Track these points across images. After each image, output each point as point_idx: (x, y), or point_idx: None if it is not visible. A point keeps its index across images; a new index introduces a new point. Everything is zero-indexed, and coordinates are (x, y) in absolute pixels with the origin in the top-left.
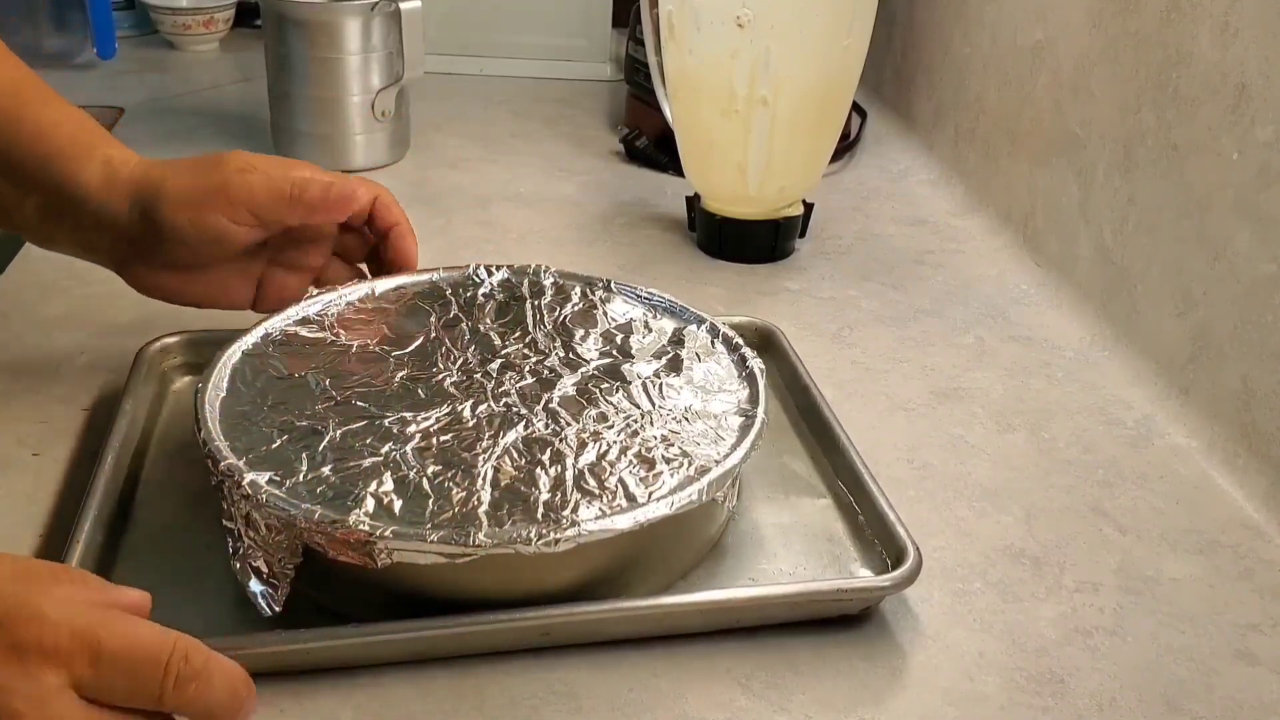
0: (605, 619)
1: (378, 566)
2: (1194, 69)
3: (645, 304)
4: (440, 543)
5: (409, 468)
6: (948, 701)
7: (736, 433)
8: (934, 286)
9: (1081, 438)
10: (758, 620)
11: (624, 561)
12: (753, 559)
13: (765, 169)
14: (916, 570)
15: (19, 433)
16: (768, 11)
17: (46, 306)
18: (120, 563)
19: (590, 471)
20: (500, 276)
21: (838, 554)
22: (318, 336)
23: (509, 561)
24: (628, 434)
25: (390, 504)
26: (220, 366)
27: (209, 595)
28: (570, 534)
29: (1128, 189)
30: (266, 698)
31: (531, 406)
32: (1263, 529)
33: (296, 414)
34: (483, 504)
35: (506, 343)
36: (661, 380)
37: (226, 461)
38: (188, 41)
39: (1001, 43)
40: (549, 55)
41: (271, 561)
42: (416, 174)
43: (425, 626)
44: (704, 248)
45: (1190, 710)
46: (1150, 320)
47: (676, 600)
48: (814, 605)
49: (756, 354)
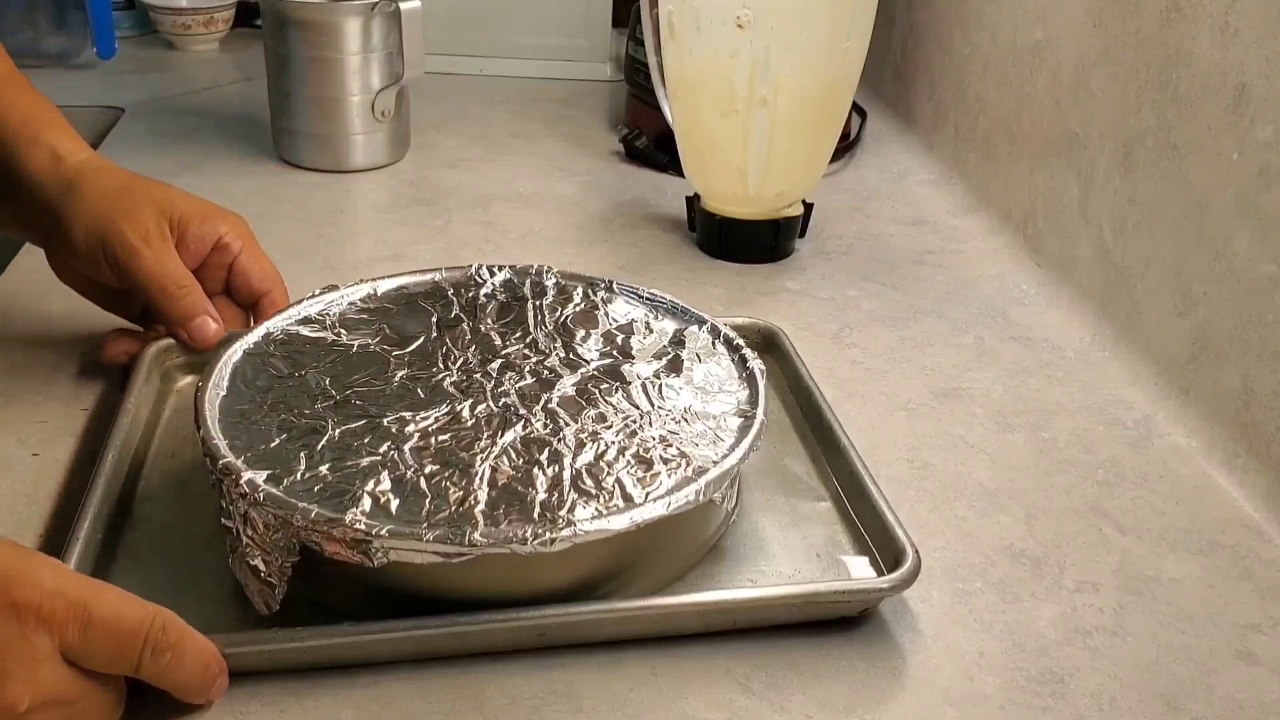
0: (601, 619)
1: (374, 565)
2: (1194, 69)
3: (647, 305)
4: (436, 542)
5: (406, 467)
6: (948, 701)
7: (735, 433)
8: (934, 286)
9: (1081, 438)
10: (755, 622)
11: (621, 562)
12: (751, 560)
13: (765, 169)
14: (915, 572)
15: (19, 433)
16: (768, 12)
17: (46, 306)
18: (119, 561)
19: (588, 472)
20: (502, 277)
21: (837, 556)
22: (319, 336)
23: (505, 561)
24: (626, 434)
25: (387, 503)
26: (221, 365)
27: (208, 594)
28: (566, 534)
29: (1128, 189)
30: (266, 697)
31: (530, 407)
32: (1263, 529)
33: (296, 413)
34: (479, 504)
35: (507, 343)
36: (661, 381)
37: (225, 460)
38: (188, 41)
39: (1001, 43)
40: (549, 55)
41: (269, 560)
42: (416, 174)
43: (421, 626)
44: (704, 248)
45: (1190, 710)
46: (1150, 320)
47: (673, 601)
48: (812, 607)
49: (758, 355)
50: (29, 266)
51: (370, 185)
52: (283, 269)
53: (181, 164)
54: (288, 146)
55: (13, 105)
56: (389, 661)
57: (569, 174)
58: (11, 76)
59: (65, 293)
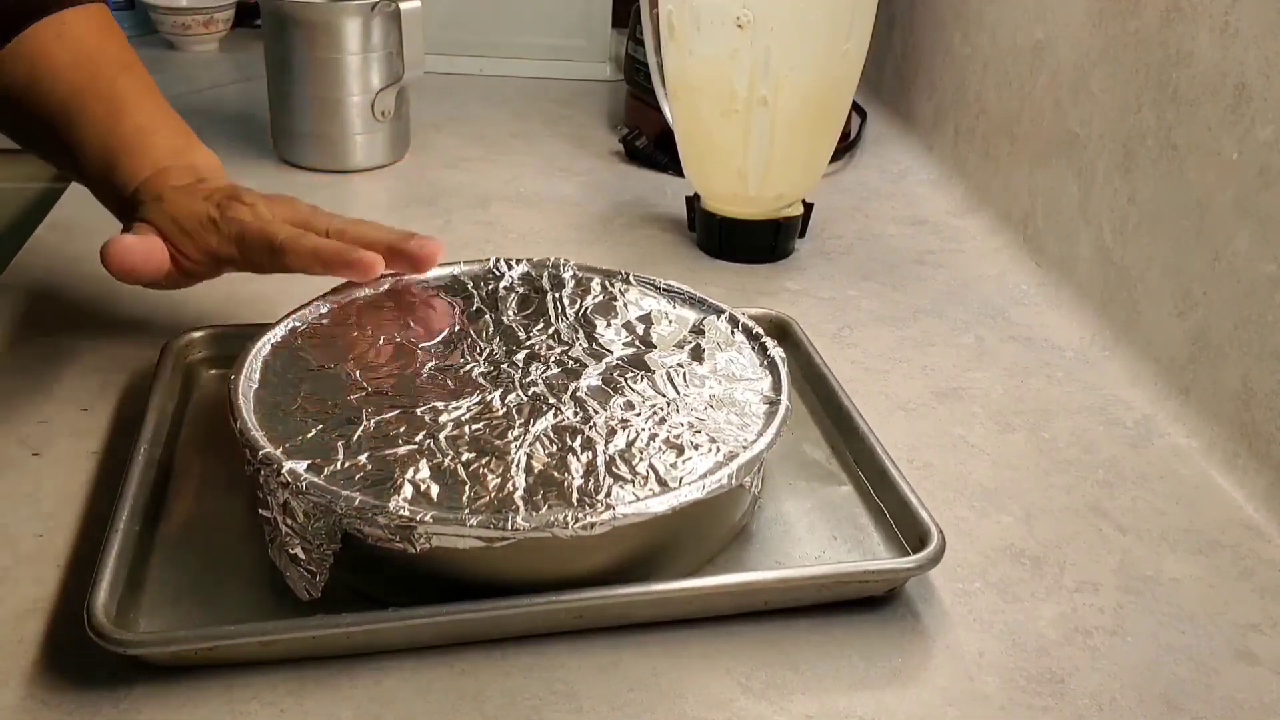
0: (637, 601)
1: (416, 551)
2: (1194, 69)
3: (664, 295)
4: (479, 527)
5: (444, 455)
6: (948, 701)
7: (762, 419)
8: (934, 286)
9: (1081, 438)
10: (785, 603)
11: (655, 545)
12: (778, 543)
13: (765, 169)
14: (941, 551)
15: (19, 433)
16: (768, 12)
17: (46, 306)
18: (156, 552)
19: (621, 457)
20: (520, 270)
21: (861, 538)
22: (344, 329)
23: (544, 545)
24: (655, 421)
25: (427, 490)
26: (251, 358)
27: (246, 583)
28: (606, 517)
29: (1128, 189)
30: (266, 697)
31: (560, 396)
32: (1263, 529)
33: (329, 404)
34: (518, 489)
35: (530, 334)
36: (685, 369)
37: (265, 450)
38: (188, 41)
39: (1001, 43)
40: (549, 55)
41: (309, 548)
42: (416, 174)
43: (462, 610)
44: (704, 248)
45: (1190, 710)
46: (1150, 320)
47: (707, 583)
48: (840, 587)
49: (776, 343)
50: (29, 266)
51: (370, 185)
52: None
53: None
54: (288, 146)
55: (141, 131)
56: (427, 646)
57: (569, 174)
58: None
59: (65, 292)
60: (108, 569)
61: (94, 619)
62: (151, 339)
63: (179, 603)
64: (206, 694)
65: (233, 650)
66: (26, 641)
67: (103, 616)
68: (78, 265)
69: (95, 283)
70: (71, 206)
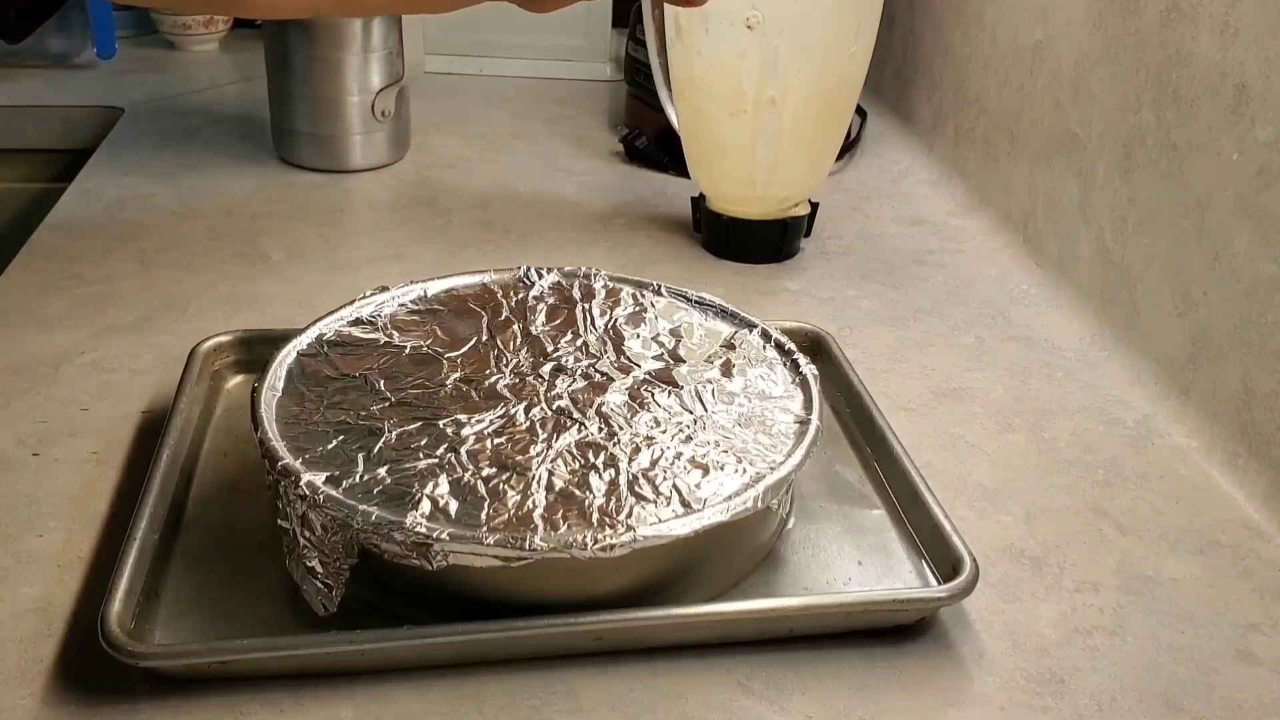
0: (658, 626)
1: (433, 568)
2: (1194, 69)
3: (696, 308)
4: (496, 546)
5: (464, 470)
6: (948, 701)
7: (791, 439)
8: (934, 286)
9: (1081, 438)
10: (811, 630)
11: (677, 568)
12: (806, 568)
13: (773, 169)
14: (974, 580)
15: (19, 433)
16: (777, 14)
17: (46, 306)
18: (175, 561)
19: (644, 476)
20: (551, 279)
21: (891, 565)
22: (371, 337)
23: (562, 566)
24: (681, 439)
25: (446, 506)
26: (276, 366)
27: (263, 595)
28: (626, 539)
29: (1128, 189)
30: (266, 698)
31: (585, 410)
32: (1263, 529)
33: (352, 414)
34: (538, 508)
35: (558, 345)
36: (714, 385)
37: (284, 461)
38: (188, 41)
39: (1001, 43)
40: (549, 55)
41: (326, 562)
42: (416, 174)
43: (479, 630)
44: (710, 248)
45: (1190, 710)
46: (1150, 320)
47: (731, 608)
48: (870, 615)
49: (809, 360)
50: (29, 266)
51: (370, 185)
52: (283, 269)
53: (181, 164)
54: (288, 146)
55: None
56: (442, 665)
57: (569, 174)
58: None
59: (65, 292)
60: (124, 578)
61: (107, 630)
62: (151, 339)
63: (194, 614)
64: (206, 693)
65: (246, 664)
66: (27, 641)
67: (116, 627)
68: (78, 265)
69: (95, 283)
70: (71, 206)
